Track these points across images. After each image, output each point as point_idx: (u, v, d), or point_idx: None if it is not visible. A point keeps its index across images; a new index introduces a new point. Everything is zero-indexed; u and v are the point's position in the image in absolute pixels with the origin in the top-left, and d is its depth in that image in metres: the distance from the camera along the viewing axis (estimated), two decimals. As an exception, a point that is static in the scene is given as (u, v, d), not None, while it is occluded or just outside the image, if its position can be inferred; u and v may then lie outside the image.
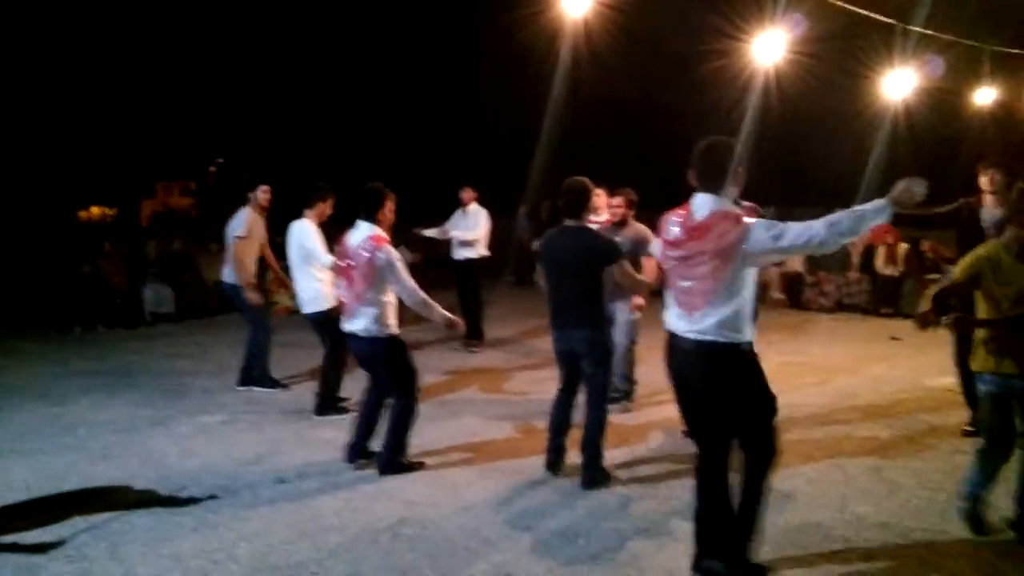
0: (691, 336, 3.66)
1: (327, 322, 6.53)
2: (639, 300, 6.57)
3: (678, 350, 3.76)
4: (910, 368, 8.31)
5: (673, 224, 3.76)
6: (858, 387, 7.60)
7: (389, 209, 5.43)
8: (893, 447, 5.79)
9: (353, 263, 5.25)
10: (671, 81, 18.67)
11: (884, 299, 12.24)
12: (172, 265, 12.53)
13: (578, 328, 5.00)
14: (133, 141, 29.01)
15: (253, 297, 7.44)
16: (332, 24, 23.00)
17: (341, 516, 4.65)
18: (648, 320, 6.58)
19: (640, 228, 6.54)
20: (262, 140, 26.20)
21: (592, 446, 5.05)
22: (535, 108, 18.07)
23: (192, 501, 4.91)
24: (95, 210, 36.95)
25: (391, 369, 5.38)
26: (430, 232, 9.50)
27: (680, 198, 3.84)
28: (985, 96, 11.92)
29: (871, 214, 3.44)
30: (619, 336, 6.62)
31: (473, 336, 9.55)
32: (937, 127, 13.38)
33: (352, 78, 23.71)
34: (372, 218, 5.34)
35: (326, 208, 6.90)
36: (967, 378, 6.01)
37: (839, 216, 3.45)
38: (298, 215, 6.91)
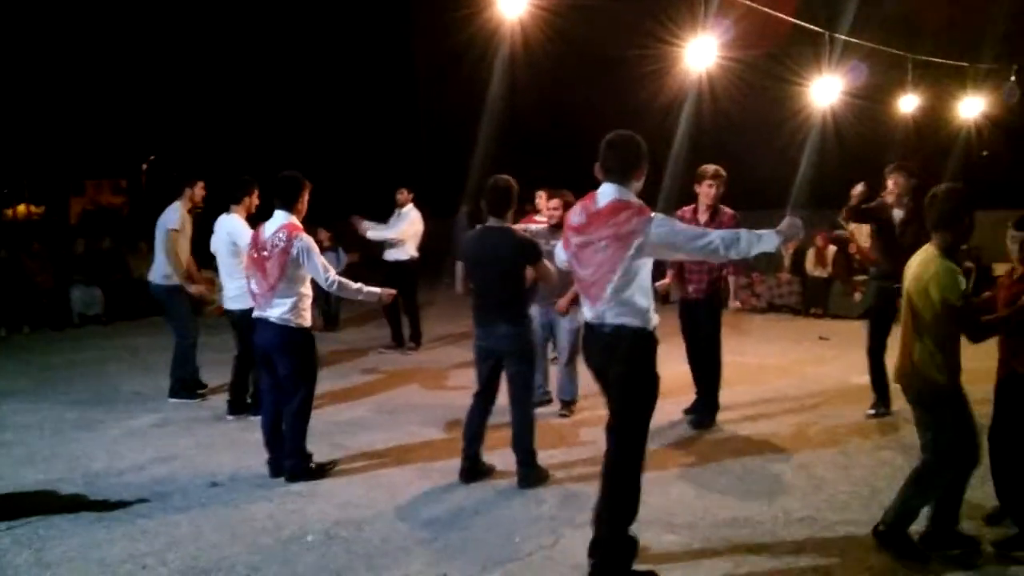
0: (596, 322, 3.84)
1: (250, 321, 6.40)
2: (564, 301, 6.55)
3: (589, 336, 3.96)
4: (837, 367, 8.57)
5: (577, 211, 3.90)
6: (788, 385, 7.81)
7: (305, 199, 5.35)
8: (820, 443, 5.97)
9: (267, 253, 5.14)
10: (607, 84, 18.88)
11: (813, 300, 12.59)
12: (101, 265, 12.22)
13: (501, 326, 5.03)
14: (62, 138, 28.14)
15: (196, 289, 7.24)
16: (266, 21, 22.68)
17: (275, 518, 4.62)
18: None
19: None
20: (195, 138, 25.71)
21: (523, 444, 5.08)
22: (473, 110, 18.11)
23: (121, 505, 4.82)
24: (21, 208, 35.76)
25: (295, 363, 5.22)
26: (368, 226, 9.23)
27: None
28: (908, 103, 12.32)
29: (764, 241, 3.70)
30: (561, 344, 6.74)
31: (412, 339, 9.53)
32: (863, 133, 13.79)
33: (286, 76, 23.41)
34: (289, 207, 5.26)
35: (253, 201, 6.78)
36: (876, 367, 6.52)
37: (736, 234, 3.70)
38: (223, 211, 6.80)
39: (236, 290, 6.57)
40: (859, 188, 6.41)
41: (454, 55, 17.94)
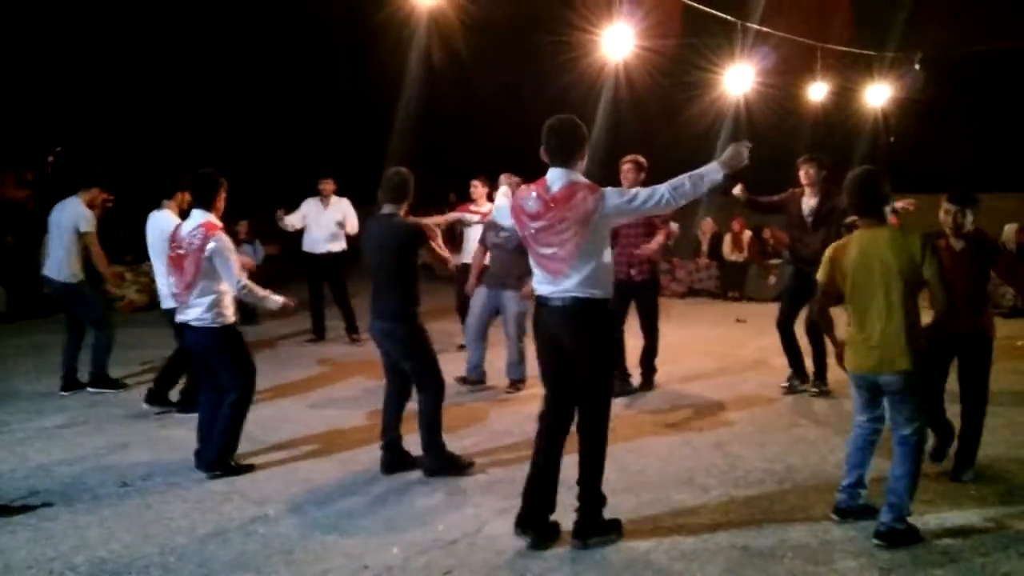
0: (558, 295, 3.98)
1: None
2: (528, 288, 6.64)
3: (545, 311, 4.06)
4: (754, 348, 8.79)
5: (529, 198, 4.03)
6: (706, 367, 7.98)
7: (223, 197, 5.27)
8: (737, 423, 6.12)
9: (184, 251, 5.06)
10: (525, 72, 18.94)
11: (731, 284, 12.90)
12: (5, 261, 11.70)
13: (386, 318, 4.99)
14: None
15: (115, 287, 7.10)
16: (180, 7, 21.98)
17: (190, 517, 4.49)
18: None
19: None
20: (104, 128, 24.79)
21: (427, 435, 5.02)
22: (391, 97, 17.92)
23: (26, 509, 4.62)
24: (-83, 203, 33.98)
25: (227, 360, 5.15)
26: (289, 219, 9.08)
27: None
28: (818, 91, 12.67)
29: (708, 175, 3.91)
30: (509, 327, 6.97)
31: (351, 330, 9.31)
32: (775, 121, 14.15)
33: (202, 63, 22.74)
34: (207, 205, 5.17)
35: (186, 197, 6.49)
36: (788, 340, 6.89)
37: (680, 180, 3.91)
38: (153, 205, 6.62)
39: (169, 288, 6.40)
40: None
41: (373, 38, 17.71)
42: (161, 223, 6.39)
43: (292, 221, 9.11)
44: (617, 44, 8.76)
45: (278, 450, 5.58)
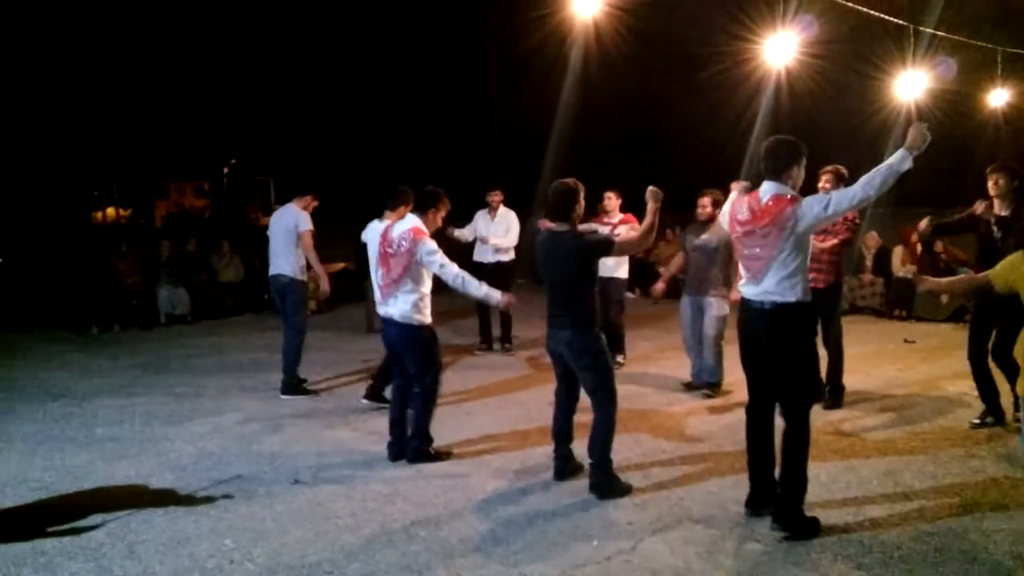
0: (758, 297, 4.37)
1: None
2: (735, 293, 6.77)
3: (747, 312, 4.48)
4: (923, 371, 8.29)
5: (743, 207, 4.47)
6: (872, 389, 7.58)
7: (441, 213, 5.75)
8: (908, 451, 5.78)
9: (393, 251, 5.52)
10: (683, 82, 18.66)
11: (898, 301, 12.20)
12: (186, 266, 12.61)
13: (566, 330, 5.00)
14: (147, 142, 29.13)
15: (327, 285, 7.74)
16: (344, 25, 23.08)
17: (356, 516, 4.70)
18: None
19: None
20: (274, 141, 26.32)
21: (596, 450, 5.01)
22: (546, 110, 18.10)
23: (208, 501, 4.97)
24: (110, 211, 37.16)
25: (420, 356, 5.59)
26: (459, 233, 9.26)
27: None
28: (998, 98, 11.86)
29: (897, 164, 4.11)
30: (708, 329, 7.21)
31: (505, 339, 9.52)
32: (950, 129, 13.31)
33: (364, 82, 23.78)
34: (422, 213, 5.64)
35: (406, 211, 6.52)
36: (981, 374, 6.20)
37: (871, 175, 4.14)
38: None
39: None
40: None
41: (527, 56, 17.98)
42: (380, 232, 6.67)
43: (463, 234, 9.32)
44: (779, 51, 8.53)
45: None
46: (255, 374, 8.47)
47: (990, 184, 6.12)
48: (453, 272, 5.52)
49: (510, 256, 9.46)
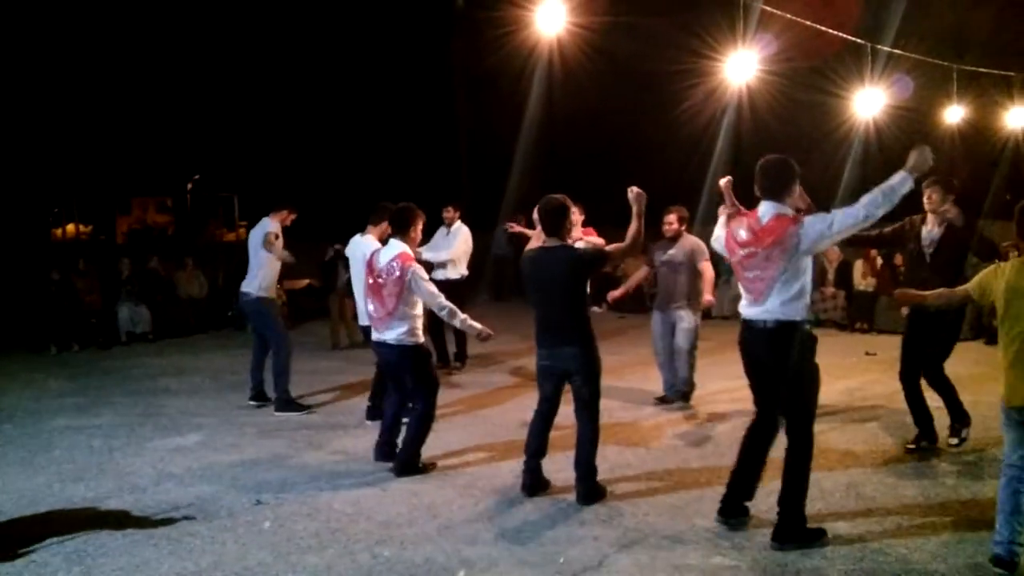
0: (760, 317, 4.38)
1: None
2: (708, 297, 7.31)
3: (749, 332, 4.49)
4: (886, 383, 8.38)
5: (741, 227, 4.47)
6: (834, 402, 7.65)
7: (418, 227, 5.82)
8: (870, 463, 5.84)
9: (383, 281, 5.55)
10: (645, 99, 18.86)
11: (859, 314, 12.38)
12: (148, 283, 12.44)
13: (567, 346, 5.05)
14: (108, 157, 28.72)
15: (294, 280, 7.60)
16: (309, 41, 23.01)
17: (319, 537, 4.64)
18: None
19: (694, 240, 7.35)
20: (238, 156, 26.13)
21: (587, 461, 5.09)
22: (511, 125, 18.17)
23: (168, 523, 4.87)
24: (70, 228, 36.57)
25: (416, 375, 5.69)
26: (429, 256, 8.87)
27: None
28: (953, 114, 12.13)
29: (898, 185, 4.13)
30: (681, 341, 7.35)
31: (457, 358, 9.43)
32: (907, 145, 13.58)
33: (329, 95, 23.72)
34: (403, 234, 5.69)
35: (386, 228, 6.66)
36: (913, 396, 6.17)
37: (872, 195, 4.15)
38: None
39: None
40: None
41: (493, 73, 18.07)
42: (364, 248, 6.61)
43: (436, 257, 9.01)
44: (740, 69, 8.64)
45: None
46: (217, 393, 8.37)
47: (925, 198, 5.94)
48: (440, 303, 5.62)
49: (459, 274, 9.12)
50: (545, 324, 5.13)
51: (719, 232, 4.89)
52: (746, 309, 4.51)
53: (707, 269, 7.38)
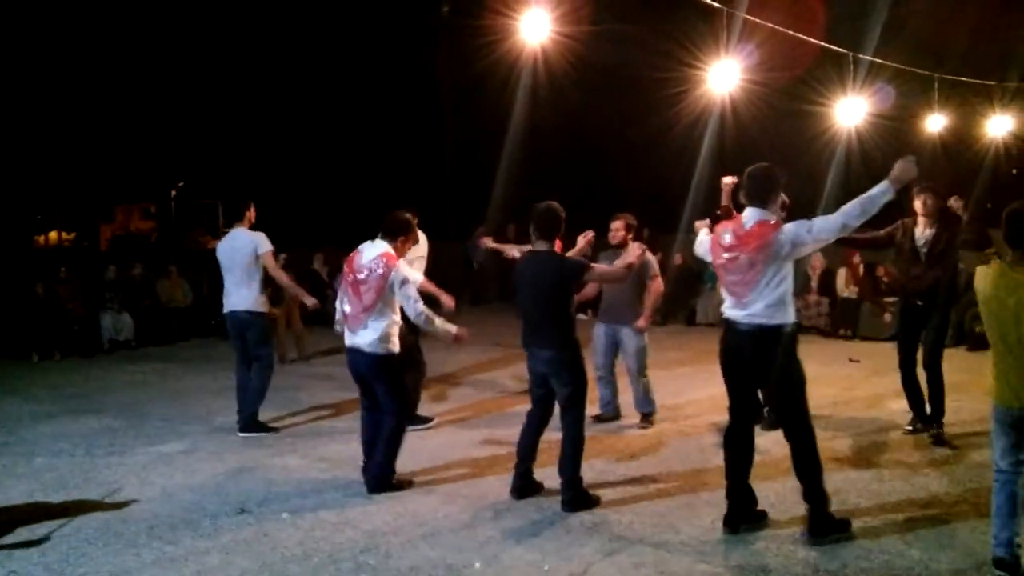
0: (744, 320, 4.47)
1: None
2: (641, 323, 6.96)
3: (732, 333, 4.57)
4: (868, 389, 8.46)
5: (727, 232, 4.56)
6: (817, 408, 7.67)
7: (412, 237, 5.84)
8: (853, 469, 5.87)
9: (364, 278, 5.40)
10: (628, 108, 18.93)
11: (843, 321, 12.45)
12: (131, 291, 12.36)
13: (546, 350, 5.12)
14: (92, 164, 28.52)
15: (310, 302, 7.31)
16: (293, 48, 22.98)
17: (303, 546, 4.62)
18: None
19: (644, 253, 6.78)
20: (224, 164, 26.01)
21: (570, 468, 5.11)
22: (495, 133, 18.18)
23: (150, 532, 4.84)
24: (53, 235, 36.26)
25: (388, 386, 5.50)
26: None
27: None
28: (935, 123, 12.25)
29: (879, 195, 4.23)
30: (631, 363, 7.01)
31: None
32: (889, 153, 13.69)
33: (314, 103, 23.68)
34: (392, 239, 5.56)
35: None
36: (908, 381, 6.60)
37: (851, 205, 4.26)
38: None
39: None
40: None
41: (478, 80, 18.08)
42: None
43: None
44: (723, 78, 8.70)
45: (386, 482, 5.69)
46: (200, 401, 8.33)
47: (918, 203, 6.41)
48: (419, 309, 5.43)
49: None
50: (529, 326, 5.24)
51: (703, 237, 5.04)
52: (729, 310, 4.60)
53: (654, 286, 6.97)
